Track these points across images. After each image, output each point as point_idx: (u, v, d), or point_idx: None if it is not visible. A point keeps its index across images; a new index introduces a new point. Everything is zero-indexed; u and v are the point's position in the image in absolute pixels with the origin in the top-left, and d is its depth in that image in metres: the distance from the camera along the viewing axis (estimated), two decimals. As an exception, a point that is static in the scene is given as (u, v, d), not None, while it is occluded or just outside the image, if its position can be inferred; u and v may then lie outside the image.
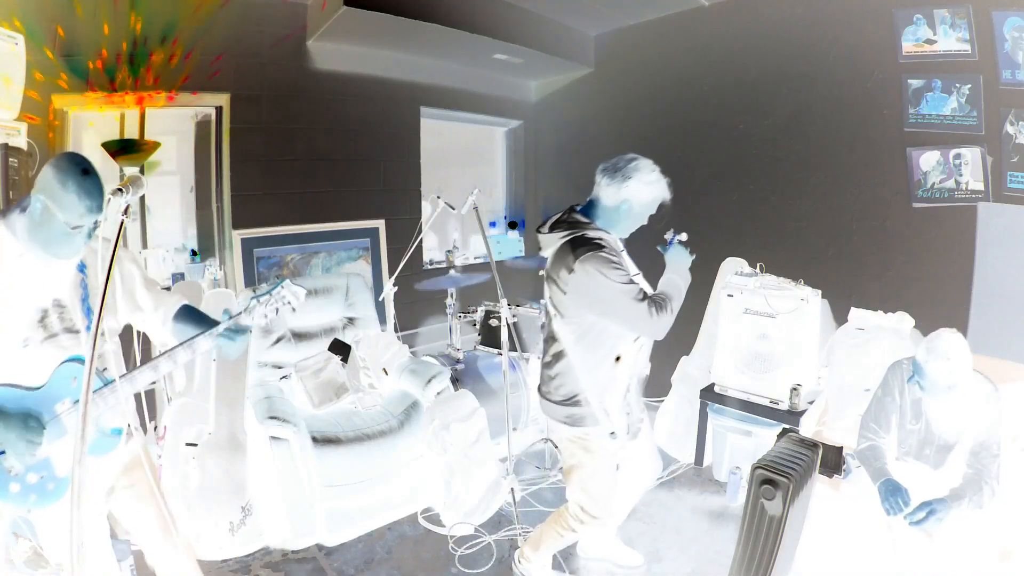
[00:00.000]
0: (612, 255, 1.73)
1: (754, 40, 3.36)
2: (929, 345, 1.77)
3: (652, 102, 3.90)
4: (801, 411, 2.73)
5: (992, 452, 1.80)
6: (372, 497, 2.56)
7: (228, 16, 3.07)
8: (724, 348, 3.01)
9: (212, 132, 3.21)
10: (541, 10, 3.67)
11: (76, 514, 1.06)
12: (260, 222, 3.32)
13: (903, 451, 2.00)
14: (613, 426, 1.86)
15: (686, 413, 3.25)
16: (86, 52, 2.67)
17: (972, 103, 2.64)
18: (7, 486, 1.30)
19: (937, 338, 1.77)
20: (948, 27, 2.65)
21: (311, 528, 2.42)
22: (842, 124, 3.06)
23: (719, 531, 2.57)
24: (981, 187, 2.65)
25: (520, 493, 2.71)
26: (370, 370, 2.96)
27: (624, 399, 1.89)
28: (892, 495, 1.81)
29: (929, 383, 1.77)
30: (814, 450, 1.86)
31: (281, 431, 2.34)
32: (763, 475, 1.68)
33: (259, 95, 3.26)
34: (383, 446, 2.56)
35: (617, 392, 1.87)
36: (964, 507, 1.74)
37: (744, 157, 3.46)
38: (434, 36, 3.34)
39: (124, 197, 1.12)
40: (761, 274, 3.01)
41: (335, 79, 3.54)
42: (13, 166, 2.11)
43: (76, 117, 2.79)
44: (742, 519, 1.76)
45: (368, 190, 3.78)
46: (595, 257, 1.70)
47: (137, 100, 2.86)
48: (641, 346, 1.89)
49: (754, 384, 2.89)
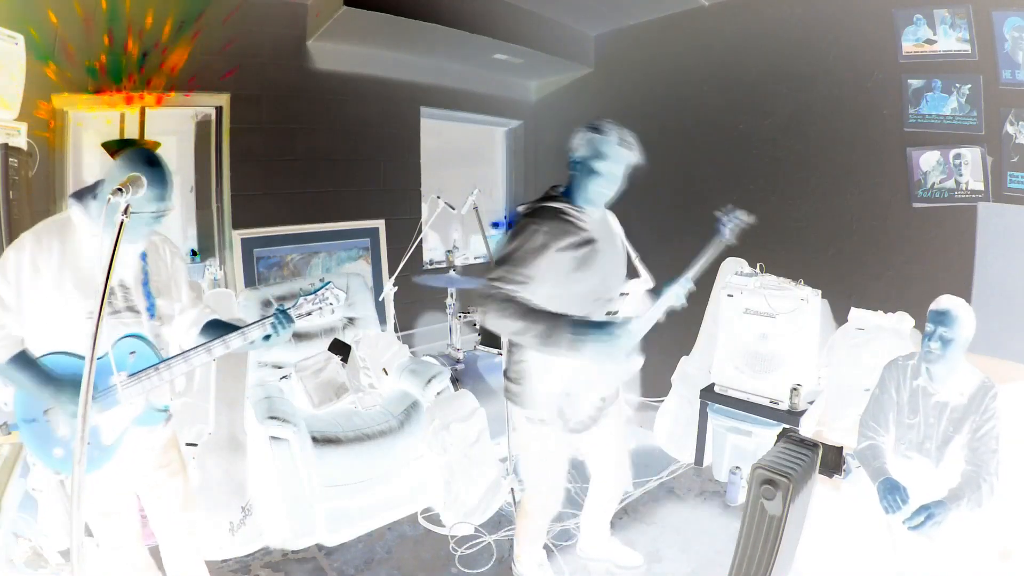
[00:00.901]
0: (541, 224, 1.66)
1: (754, 40, 3.36)
2: (947, 299, 1.91)
3: (652, 102, 3.90)
4: (801, 411, 2.73)
5: (990, 447, 1.81)
6: (372, 497, 2.56)
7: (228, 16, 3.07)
8: (724, 348, 3.01)
9: (212, 132, 3.20)
10: (541, 10, 3.67)
11: (76, 514, 1.06)
12: (260, 222, 3.32)
13: (903, 447, 2.00)
14: (539, 412, 1.80)
15: (686, 413, 3.25)
16: (86, 52, 2.67)
17: (972, 103, 2.64)
18: (51, 451, 1.41)
19: (948, 297, 1.92)
20: (948, 27, 2.65)
21: (311, 528, 2.42)
22: (842, 124, 3.06)
23: (719, 531, 2.57)
24: (981, 187, 2.65)
25: (520, 493, 2.71)
26: (370, 370, 2.97)
27: (563, 386, 1.75)
28: (890, 493, 1.82)
29: (954, 336, 1.84)
30: (814, 450, 1.87)
31: (281, 431, 2.34)
32: (763, 475, 1.68)
33: (259, 95, 3.25)
34: (383, 446, 2.56)
35: (552, 377, 1.75)
36: (963, 507, 1.74)
37: (744, 157, 3.45)
38: (434, 36, 3.34)
39: (124, 197, 1.13)
40: (761, 274, 3.02)
41: (335, 79, 3.54)
42: (13, 166, 2.11)
43: (76, 117, 2.79)
44: (742, 519, 1.76)
45: (368, 190, 3.77)
46: (519, 220, 1.71)
47: (131, 99, 2.86)
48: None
49: (754, 384, 2.89)
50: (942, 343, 1.85)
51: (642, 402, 4.04)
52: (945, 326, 1.85)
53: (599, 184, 1.74)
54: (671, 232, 3.42)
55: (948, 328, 1.84)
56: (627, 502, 2.80)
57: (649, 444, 3.42)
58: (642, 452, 3.32)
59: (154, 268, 1.57)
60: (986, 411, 1.83)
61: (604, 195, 1.78)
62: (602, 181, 1.73)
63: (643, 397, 4.08)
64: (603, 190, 1.76)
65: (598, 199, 1.78)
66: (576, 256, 1.70)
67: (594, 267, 1.74)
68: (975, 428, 1.84)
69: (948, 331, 1.84)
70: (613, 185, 1.76)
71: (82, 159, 2.88)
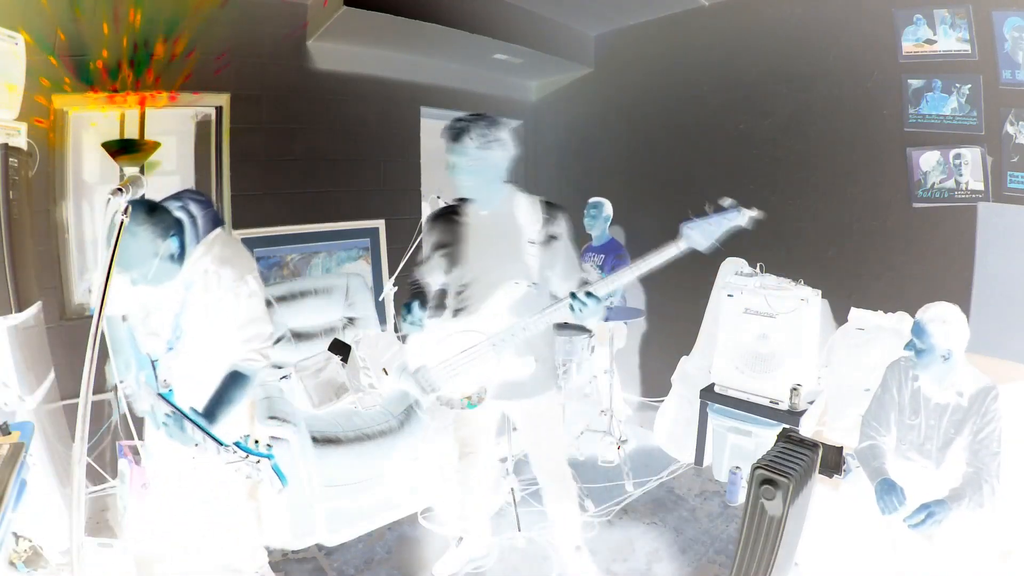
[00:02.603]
0: (427, 223, 1.97)
1: (754, 40, 3.36)
2: (927, 309, 1.87)
3: (652, 102, 3.90)
4: (801, 411, 2.73)
5: (992, 450, 1.81)
6: (372, 497, 2.56)
7: (228, 16, 3.07)
8: (724, 348, 3.01)
9: (212, 132, 3.20)
10: (541, 10, 3.67)
11: (76, 514, 1.06)
12: (260, 222, 3.32)
13: (904, 447, 2.00)
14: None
15: (686, 413, 3.26)
16: (86, 52, 2.67)
17: (972, 103, 2.64)
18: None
19: (934, 305, 1.87)
20: (948, 27, 2.65)
21: (311, 528, 2.42)
22: (842, 124, 3.06)
23: (719, 531, 2.57)
24: (981, 187, 2.65)
25: (520, 493, 2.71)
26: (370, 370, 2.97)
27: (445, 360, 1.84)
28: (887, 494, 1.82)
29: (925, 347, 1.83)
30: (814, 450, 1.86)
31: (281, 431, 2.33)
32: (763, 475, 1.68)
33: (259, 95, 3.25)
34: (383, 446, 2.56)
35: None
36: (964, 507, 1.74)
37: (744, 157, 3.46)
38: (434, 36, 3.34)
39: (124, 197, 1.13)
40: (761, 274, 3.02)
41: (335, 79, 3.54)
42: (13, 166, 2.11)
43: (76, 117, 2.79)
44: (742, 519, 1.76)
45: (368, 190, 3.77)
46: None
47: (136, 100, 2.86)
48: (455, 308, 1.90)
49: (754, 384, 2.89)
50: (916, 352, 1.88)
51: (642, 402, 4.05)
52: (918, 337, 1.87)
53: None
54: (671, 232, 3.42)
55: (920, 339, 1.86)
56: (627, 502, 2.81)
57: (649, 444, 3.42)
58: (642, 452, 3.33)
59: (194, 299, 1.60)
60: (987, 413, 1.83)
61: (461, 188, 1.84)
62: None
63: (643, 397, 4.08)
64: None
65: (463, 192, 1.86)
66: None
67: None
68: (976, 430, 1.84)
69: (919, 342, 1.86)
70: (456, 176, 1.81)
71: (82, 159, 2.88)
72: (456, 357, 1.82)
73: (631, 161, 4.05)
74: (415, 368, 1.88)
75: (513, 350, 1.80)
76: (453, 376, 1.83)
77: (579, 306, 1.66)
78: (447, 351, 1.83)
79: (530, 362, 1.80)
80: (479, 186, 1.80)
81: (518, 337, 1.76)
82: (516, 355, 1.80)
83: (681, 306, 3.62)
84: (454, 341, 1.83)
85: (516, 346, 1.79)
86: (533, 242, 1.80)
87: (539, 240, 1.81)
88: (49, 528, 2.03)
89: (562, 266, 1.87)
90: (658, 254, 1.64)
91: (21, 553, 1.90)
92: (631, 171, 4.04)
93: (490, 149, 1.76)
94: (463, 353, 1.81)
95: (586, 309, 1.66)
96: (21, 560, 1.89)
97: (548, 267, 1.84)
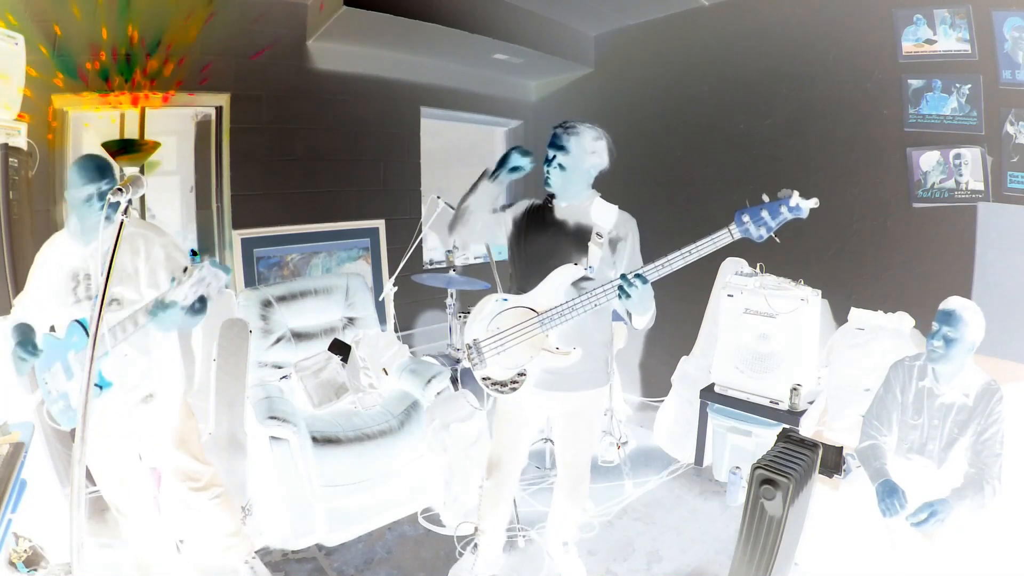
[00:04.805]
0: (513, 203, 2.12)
1: (754, 40, 3.36)
2: (953, 300, 1.93)
3: (652, 102, 3.90)
4: (801, 411, 2.73)
5: (994, 451, 1.81)
6: (372, 497, 2.56)
7: (227, 16, 3.07)
8: (724, 348, 3.01)
9: (212, 132, 3.20)
10: (541, 10, 3.67)
11: (76, 514, 1.06)
12: (260, 222, 3.32)
13: (905, 447, 2.00)
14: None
15: (686, 413, 3.26)
16: (85, 52, 2.67)
17: (972, 103, 2.64)
18: (57, 402, 1.74)
19: (957, 298, 1.93)
20: (948, 27, 2.65)
21: (311, 528, 2.42)
22: (842, 124, 3.06)
23: (719, 531, 2.57)
24: (981, 187, 2.65)
25: (520, 493, 2.70)
26: (370, 370, 2.96)
27: (495, 335, 1.89)
28: (889, 496, 1.81)
29: (958, 336, 1.86)
30: (814, 450, 1.87)
31: (281, 431, 2.34)
32: (763, 475, 1.69)
33: (259, 95, 3.25)
34: (383, 446, 2.56)
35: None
36: (966, 507, 1.74)
37: (744, 157, 3.45)
38: (434, 36, 3.34)
39: (124, 197, 1.13)
40: (761, 274, 3.02)
41: (335, 79, 3.54)
42: (13, 166, 2.11)
43: (76, 117, 2.79)
44: (742, 519, 1.76)
45: (368, 190, 3.77)
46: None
47: (136, 100, 2.86)
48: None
49: (754, 384, 2.89)
50: (945, 342, 1.87)
51: (642, 402, 4.05)
52: (950, 326, 1.87)
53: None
54: (671, 232, 3.41)
55: (952, 328, 1.86)
56: (627, 502, 2.81)
57: (649, 444, 3.42)
58: (642, 452, 3.33)
59: (120, 260, 1.70)
60: (991, 414, 1.83)
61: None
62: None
63: (643, 397, 4.08)
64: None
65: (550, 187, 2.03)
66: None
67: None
68: (980, 431, 1.84)
69: (952, 331, 1.86)
70: (550, 170, 2.03)
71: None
72: (506, 331, 1.84)
73: (631, 161, 4.04)
74: (471, 339, 1.92)
75: (560, 335, 1.80)
76: (501, 351, 1.85)
77: (628, 287, 1.64)
78: (500, 324, 1.86)
79: (576, 352, 1.80)
80: (567, 183, 1.91)
81: (566, 317, 1.76)
82: (562, 341, 1.80)
83: (681, 306, 3.62)
84: (507, 316, 1.85)
85: (564, 333, 1.79)
86: (600, 235, 1.85)
87: (606, 237, 1.86)
88: (49, 528, 2.03)
89: (625, 268, 1.88)
90: (710, 240, 1.63)
91: (21, 553, 1.90)
92: (631, 171, 4.04)
93: (592, 155, 1.90)
94: (513, 327, 1.83)
95: (635, 292, 1.64)
96: (21, 560, 1.89)
97: (610, 266, 1.86)
